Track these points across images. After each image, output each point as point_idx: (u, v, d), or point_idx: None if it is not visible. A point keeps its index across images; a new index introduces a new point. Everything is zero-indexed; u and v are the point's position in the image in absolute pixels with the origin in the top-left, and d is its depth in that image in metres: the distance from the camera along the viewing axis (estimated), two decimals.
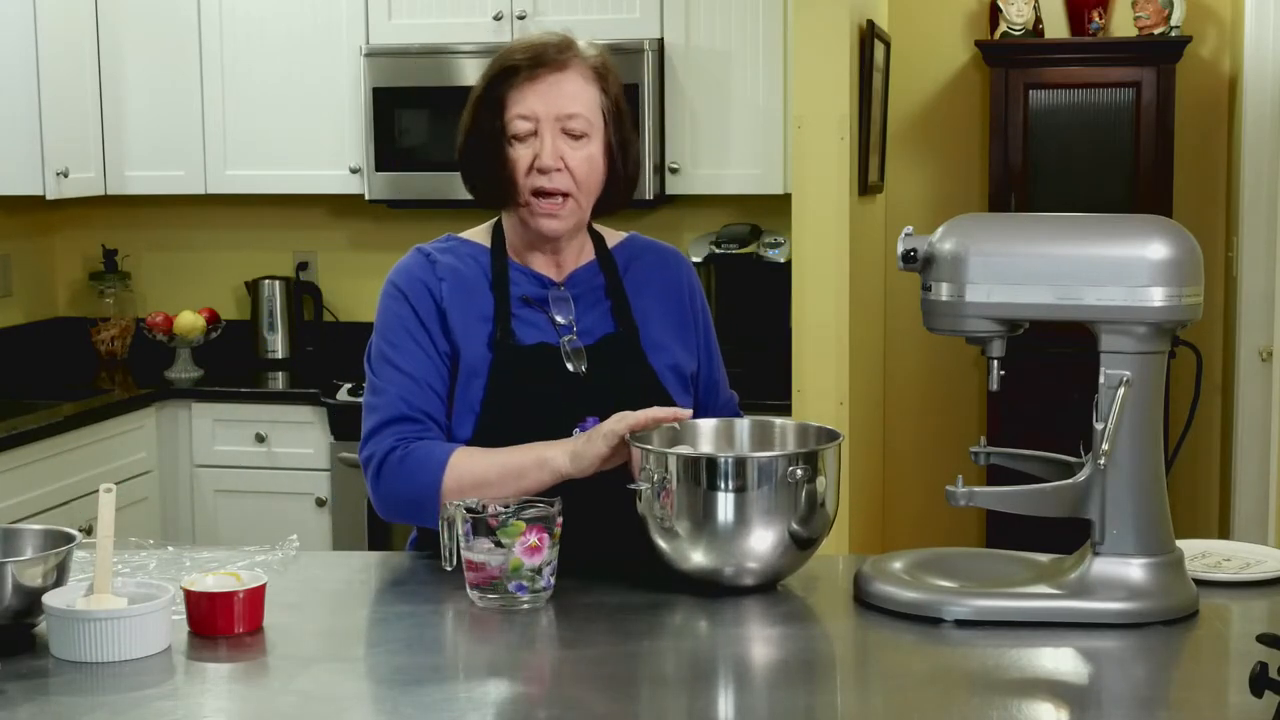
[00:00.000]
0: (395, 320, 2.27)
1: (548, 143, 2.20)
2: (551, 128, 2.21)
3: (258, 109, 4.70)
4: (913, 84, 5.17)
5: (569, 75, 2.22)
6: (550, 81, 2.21)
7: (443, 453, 2.17)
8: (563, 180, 2.21)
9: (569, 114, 2.21)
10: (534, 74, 2.21)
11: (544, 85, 2.21)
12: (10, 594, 1.85)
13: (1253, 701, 1.57)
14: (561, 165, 2.21)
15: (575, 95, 2.21)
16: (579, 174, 2.22)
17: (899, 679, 1.82)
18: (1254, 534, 4.63)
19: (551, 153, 2.20)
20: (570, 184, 2.22)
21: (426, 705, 1.68)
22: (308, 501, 4.45)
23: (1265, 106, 4.71)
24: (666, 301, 2.36)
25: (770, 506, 2.00)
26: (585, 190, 2.24)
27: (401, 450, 2.19)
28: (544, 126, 2.21)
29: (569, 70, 2.22)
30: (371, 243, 4.99)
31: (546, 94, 2.20)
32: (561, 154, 2.21)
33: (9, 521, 3.41)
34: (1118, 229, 1.96)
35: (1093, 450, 1.95)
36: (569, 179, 2.21)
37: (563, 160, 2.21)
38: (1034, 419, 4.39)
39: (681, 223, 4.73)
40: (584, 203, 2.25)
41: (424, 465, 2.17)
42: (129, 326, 5.04)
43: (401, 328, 2.26)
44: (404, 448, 2.19)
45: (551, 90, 2.21)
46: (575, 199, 2.23)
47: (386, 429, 2.22)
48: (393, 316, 2.27)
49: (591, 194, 2.25)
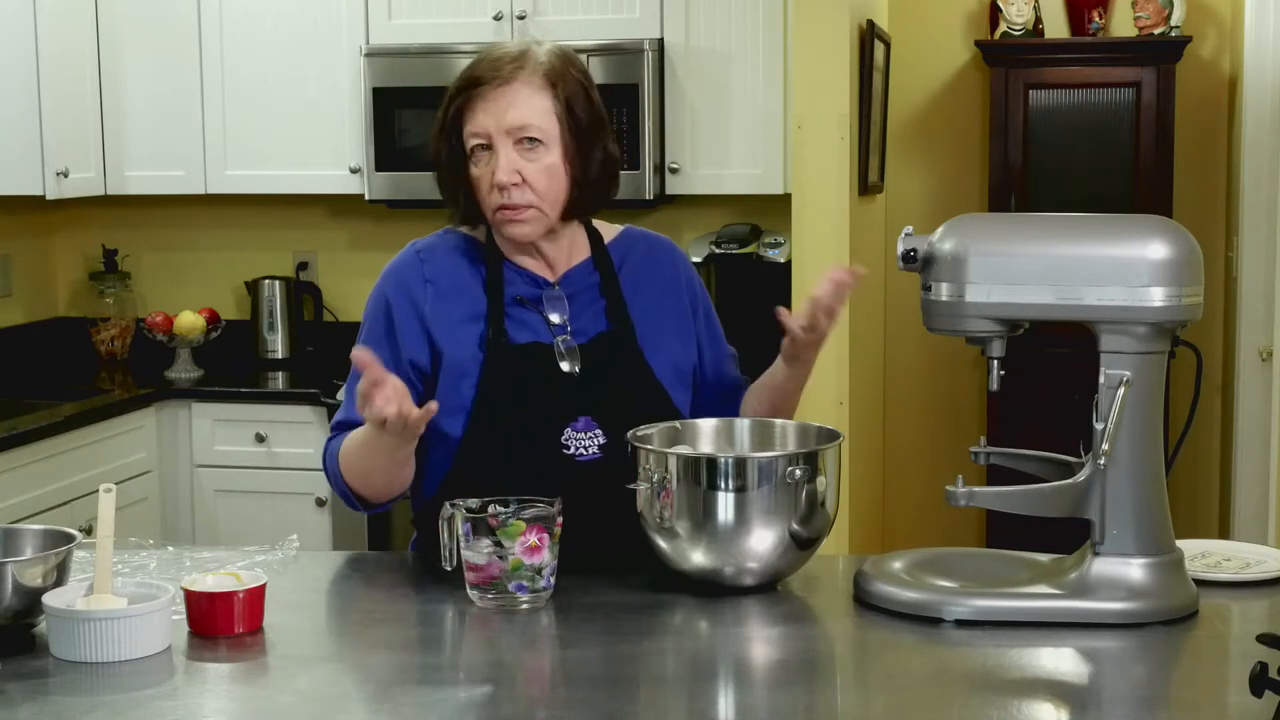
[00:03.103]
0: (370, 325, 2.31)
1: (500, 158, 2.20)
2: (504, 141, 2.20)
3: (258, 109, 4.70)
4: (913, 84, 5.17)
5: (515, 87, 2.20)
6: (496, 96, 2.20)
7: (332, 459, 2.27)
8: (521, 195, 2.21)
9: (518, 125, 2.20)
10: (480, 91, 2.21)
11: (491, 100, 2.20)
12: (10, 594, 1.85)
13: (1253, 701, 1.57)
14: (518, 179, 2.20)
15: (523, 106, 2.20)
16: (538, 185, 2.21)
17: (899, 679, 1.82)
18: (1254, 534, 4.63)
19: (505, 168, 2.19)
20: (531, 196, 2.21)
21: (426, 705, 1.68)
22: (308, 501, 4.45)
23: (1265, 106, 4.71)
24: (663, 296, 2.36)
25: (770, 506, 2.00)
26: (549, 200, 2.23)
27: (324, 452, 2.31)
28: (496, 141, 2.20)
29: (515, 82, 2.20)
30: (371, 243, 4.99)
31: (493, 109, 2.20)
32: (518, 167, 2.20)
33: (9, 521, 3.41)
34: (1118, 229, 1.96)
35: (1093, 450, 1.95)
36: (528, 192, 2.21)
37: (520, 174, 2.20)
38: (1034, 419, 4.39)
39: (681, 223, 4.73)
40: (549, 211, 2.24)
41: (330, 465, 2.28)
42: (129, 326, 5.04)
43: (371, 331, 2.30)
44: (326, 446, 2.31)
45: (499, 104, 2.20)
46: (538, 209, 2.23)
47: (332, 433, 2.32)
48: (369, 320, 2.32)
49: (556, 202, 2.24)
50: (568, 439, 2.22)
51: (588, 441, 2.22)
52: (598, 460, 2.22)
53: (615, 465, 2.13)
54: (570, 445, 2.22)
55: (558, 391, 2.23)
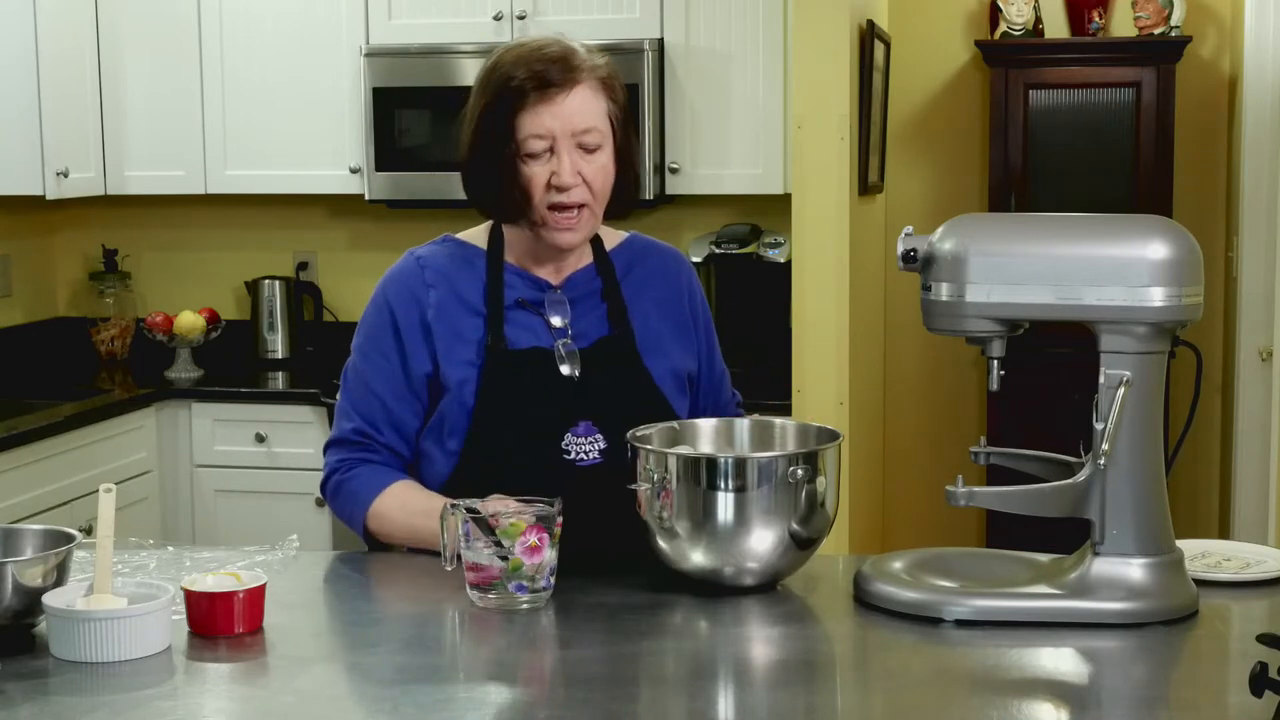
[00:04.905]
0: (373, 333, 2.31)
1: (565, 160, 2.20)
2: (568, 144, 2.20)
3: (258, 109, 4.70)
4: (913, 84, 5.17)
5: (580, 90, 2.20)
6: (562, 100, 2.19)
7: (368, 494, 2.27)
8: (580, 194, 2.22)
9: (584, 129, 2.20)
10: (545, 94, 2.19)
11: (557, 104, 2.19)
12: (10, 594, 1.85)
13: (1253, 701, 1.57)
14: (579, 180, 2.21)
15: (587, 110, 2.21)
16: (595, 185, 2.23)
17: (899, 679, 1.81)
18: (1254, 534, 4.63)
19: (570, 170, 2.20)
20: (587, 196, 2.22)
21: (426, 705, 1.68)
22: (308, 501, 4.44)
23: (1265, 106, 4.71)
24: (665, 303, 2.36)
25: (770, 506, 2.00)
26: (600, 198, 2.25)
27: (340, 476, 2.31)
28: (560, 144, 2.20)
29: (580, 86, 2.21)
30: (371, 243, 4.99)
31: (560, 112, 2.19)
32: (578, 168, 2.21)
33: (9, 521, 3.41)
34: (1118, 229, 1.96)
35: (1093, 450, 1.94)
36: (586, 191, 2.22)
37: (579, 174, 2.21)
38: (1034, 419, 4.39)
39: (681, 223, 4.73)
40: (598, 211, 2.26)
41: (354, 499, 2.29)
42: (129, 326, 5.04)
43: (376, 342, 2.30)
44: (344, 472, 2.31)
45: (565, 108, 2.19)
46: (591, 208, 2.24)
47: (334, 448, 2.33)
48: (372, 328, 2.31)
49: (604, 201, 2.26)
50: (568, 444, 2.22)
51: (588, 447, 2.22)
52: (598, 465, 2.22)
53: (616, 470, 2.13)
54: (571, 450, 2.22)
55: (558, 396, 2.23)
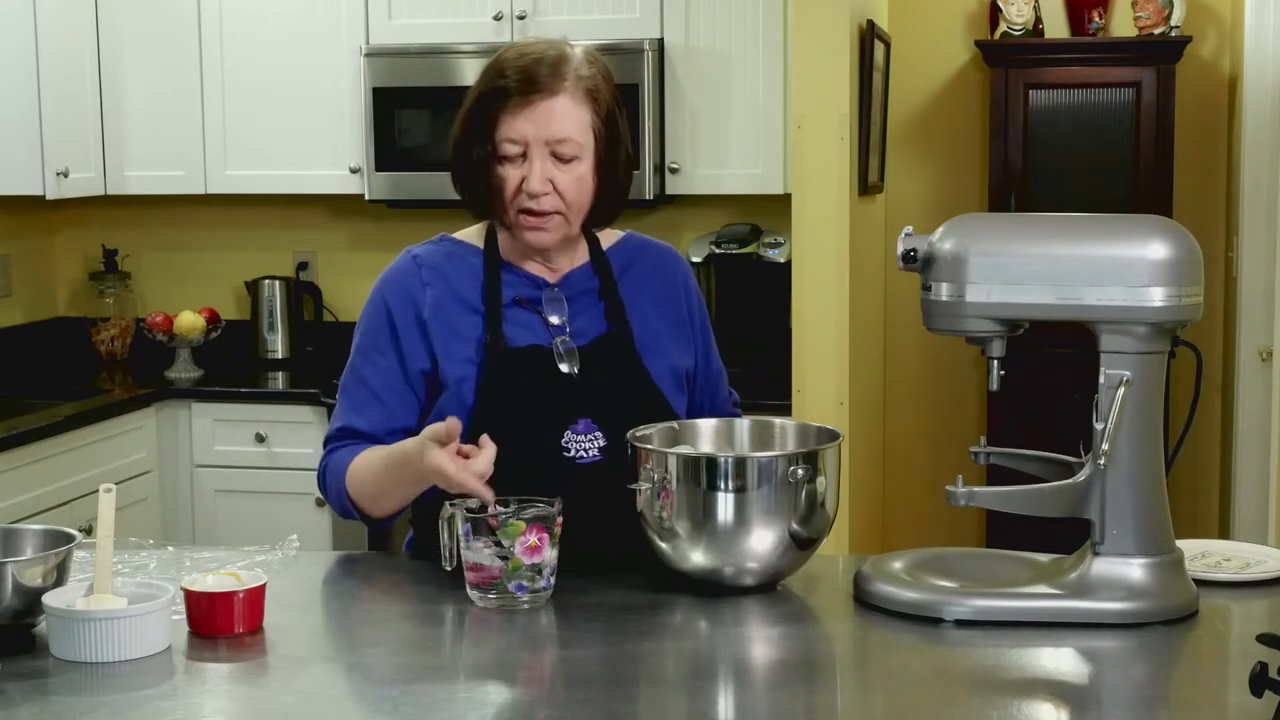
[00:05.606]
0: (370, 331, 2.31)
1: (535, 167, 2.19)
2: (540, 151, 2.19)
3: (258, 109, 4.70)
4: (913, 84, 5.17)
5: (560, 100, 2.19)
6: (541, 107, 2.18)
7: (342, 468, 2.26)
8: (550, 202, 2.21)
9: (558, 138, 2.19)
10: (526, 98, 2.18)
11: (534, 110, 2.18)
12: (10, 594, 1.85)
13: (1253, 701, 1.58)
14: (549, 188, 2.20)
15: (565, 119, 2.19)
16: (568, 195, 2.21)
17: (899, 679, 1.82)
18: (1254, 534, 4.63)
19: (539, 177, 2.19)
20: (558, 204, 2.21)
21: (426, 705, 1.68)
22: (308, 501, 4.44)
23: (1265, 106, 4.71)
24: (663, 302, 2.36)
25: (770, 506, 2.00)
26: (574, 208, 2.23)
27: (325, 462, 2.31)
28: (533, 150, 2.19)
29: (560, 95, 2.19)
30: (371, 243, 4.99)
31: (536, 118, 2.18)
32: (550, 176, 2.20)
33: (9, 521, 3.41)
34: (1118, 229, 1.96)
35: (1093, 450, 1.95)
36: (557, 200, 2.21)
37: (551, 183, 2.20)
38: (1034, 419, 4.39)
39: (681, 223, 4.73)
40: (572, 219, 2.24)
41: (334, 477, 2.28)
42: (129, 326, 5.04)
43: (373, 339, 2.30)
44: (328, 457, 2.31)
45: (541, 115, 2.18)
46: (563, 216, 2.23)
47: (328, 444, 2.33)
48: (369, 326, 2.31)
49: (580, 210, 2.24)
50: (568, 442, 2.22)
51: (588, 444, 2.22)
52: (598, 463, 2.22)
53: (615, 468, 2.13)
54: (570, 448, 2.22)
55: (557, 394, 2.23)
